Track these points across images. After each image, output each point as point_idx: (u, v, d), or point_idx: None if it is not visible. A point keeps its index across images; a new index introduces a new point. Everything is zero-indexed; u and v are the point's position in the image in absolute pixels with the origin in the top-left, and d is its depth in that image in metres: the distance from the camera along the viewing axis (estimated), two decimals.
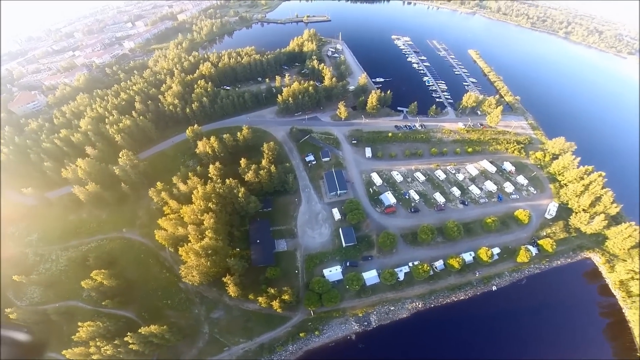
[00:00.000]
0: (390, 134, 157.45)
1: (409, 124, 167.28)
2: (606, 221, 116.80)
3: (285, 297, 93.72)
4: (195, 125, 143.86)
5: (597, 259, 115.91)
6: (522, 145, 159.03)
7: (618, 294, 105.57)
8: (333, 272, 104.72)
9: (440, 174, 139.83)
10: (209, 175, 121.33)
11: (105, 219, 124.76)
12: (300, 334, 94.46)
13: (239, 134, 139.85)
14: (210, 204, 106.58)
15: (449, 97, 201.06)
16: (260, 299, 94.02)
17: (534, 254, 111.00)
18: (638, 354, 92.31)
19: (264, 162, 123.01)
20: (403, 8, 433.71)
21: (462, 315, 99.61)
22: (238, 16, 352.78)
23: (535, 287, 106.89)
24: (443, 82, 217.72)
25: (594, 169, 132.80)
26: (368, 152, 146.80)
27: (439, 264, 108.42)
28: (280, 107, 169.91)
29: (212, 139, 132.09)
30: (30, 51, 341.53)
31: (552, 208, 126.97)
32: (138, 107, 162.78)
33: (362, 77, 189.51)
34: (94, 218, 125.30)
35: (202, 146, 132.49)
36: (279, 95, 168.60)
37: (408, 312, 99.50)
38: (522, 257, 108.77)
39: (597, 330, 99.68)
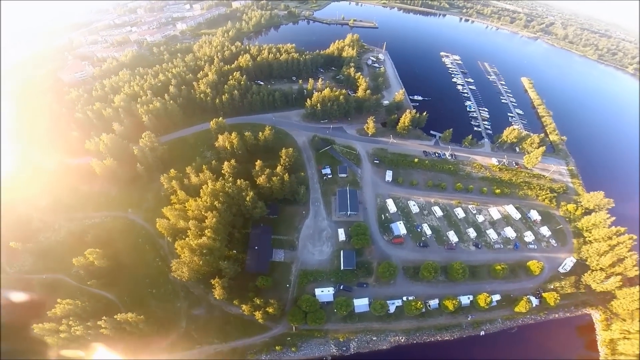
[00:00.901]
0: (416, 160, 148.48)
1: (439, 152, 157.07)
2: (621, 282, 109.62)
3: (270, 309, 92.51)
4: (220, 118, 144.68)
5: (596, 315, 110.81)
6: (555, 195, 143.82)
7: (603, 350, 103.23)
8: (325, 293, 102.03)
9: (460, 212, 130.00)
10: (222, 171, 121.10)
11: (114, 196, 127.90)
12: (277, 347, 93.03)
13: (260, 133, 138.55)
14: (216, 202, 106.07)
15: (489, 127, 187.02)
16: (244, 306, 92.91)
17: (534, 305, 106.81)
18: None
19: (278, 169, 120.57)
20: (458, 25, 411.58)
21: (442, 356, 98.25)
22: (287, 10, 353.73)
23: (523, 337, 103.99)
24: (486, 109, 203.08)
25: (626, 231, 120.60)
26: (388, 175, 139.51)
27: (434, 302, 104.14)
28: (307, 112, 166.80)
29: (233, 134, 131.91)
30: (95, 22, 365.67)
31: (568, 263, 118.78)
32: (171, 91, 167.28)
33: (399, 93, 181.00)
34: (104, 193, 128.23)
35: (222, 140, 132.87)
36: (308, 99, 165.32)
37: (389, 344, 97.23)
38: (520, 308, 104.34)
39: None
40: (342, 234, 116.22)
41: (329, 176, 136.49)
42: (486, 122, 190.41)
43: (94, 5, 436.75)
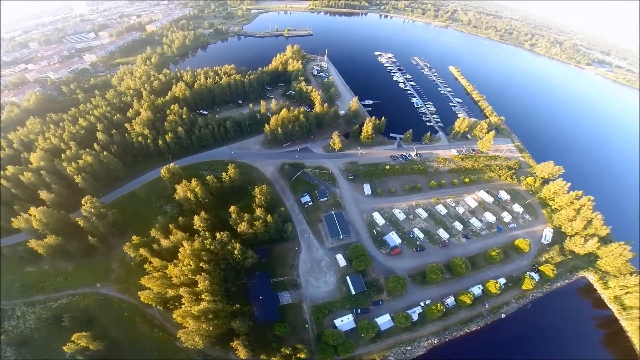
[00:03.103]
0: (387, 167, 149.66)
1: (405, 154, 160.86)
2: (599, 243, 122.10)
3: (302, 355, 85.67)
4: (171, 164, 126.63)
5: (591, 277, 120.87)
6: (513, 171, 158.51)
7: (613, 307, 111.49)
8: (345, 322, 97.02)
9: (442, 209, 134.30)
10: (194, 227, 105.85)
11: (72, 272, 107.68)
12: None
13: (224, 174, 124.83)
14: (202, 264, 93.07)
15: (439, 120, 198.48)
16: (274, 359, 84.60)
17: (536, 280, 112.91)
18: None
19: (258, 212, 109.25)
20: (380, 22, 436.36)
21: (477, 345, 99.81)
22: (213, 28, 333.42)
23: (539, 310, 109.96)
24: (431, 103, 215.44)
25: (583, 194, 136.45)
26: (367, 189, 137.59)
27: (450, 300, 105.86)
28: (267, 138, 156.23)
29: (194, 182, 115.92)
30: None
31: (547, 234, 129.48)
32: (100, 138, 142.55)
33: (353, 102, 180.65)
34: (59, 271, 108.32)
35: (182, 191, 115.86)
36: (266, 124, 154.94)
37: (424, 349, 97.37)
38: (527, 285, 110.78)
39: (597, 342, 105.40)
40: (341, 260, 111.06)
41: (309, 204, 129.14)
42: (435, 116, 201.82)
43: None
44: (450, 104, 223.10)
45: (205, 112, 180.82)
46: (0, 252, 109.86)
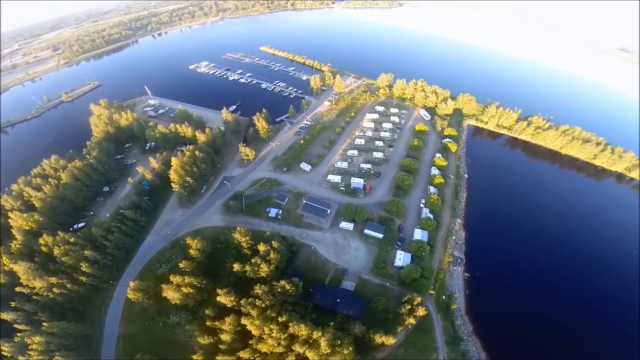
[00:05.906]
0: (302, 142, 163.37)
1: (302, 125, 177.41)
2: (453, 101, 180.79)
3: (418, 300, 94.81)
4: (132, 283, 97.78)
5: (471, 122, 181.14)
6: (368, 92, 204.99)
7: (503, 131, 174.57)
8: (402, 258, 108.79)
9: (360, 141, 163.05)
10: (227, 306, 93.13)
11: None
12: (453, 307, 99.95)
13: (190, 251, 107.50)
14: (280, 319, 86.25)
15: (296, 89, 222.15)
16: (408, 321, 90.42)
17: (452, 142, 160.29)
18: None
19: (261, 248, 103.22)
20: (158, 41, 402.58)
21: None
22: None
23: (476, 161, 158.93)
24: (278, 81, 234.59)
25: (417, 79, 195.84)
26: (305, 166, 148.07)
27: (433, 189, 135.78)
28: (182, 197, 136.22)
29: (179, 278, 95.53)
30: None
31: (424, 114, 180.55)
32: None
33: (225, 114, 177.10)
34: None
35: (173, 293, 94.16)
36: (172, 184, 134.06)
37: (460, 225, 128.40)
38: (453, 148, 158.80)
39: (529, 156, 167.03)
40: (347, 225, 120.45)
41: (280, 213, 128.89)
42: (290, 88, 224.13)
43: None
44: (290, 74, 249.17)
45: (82, 224, 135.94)
46: None
